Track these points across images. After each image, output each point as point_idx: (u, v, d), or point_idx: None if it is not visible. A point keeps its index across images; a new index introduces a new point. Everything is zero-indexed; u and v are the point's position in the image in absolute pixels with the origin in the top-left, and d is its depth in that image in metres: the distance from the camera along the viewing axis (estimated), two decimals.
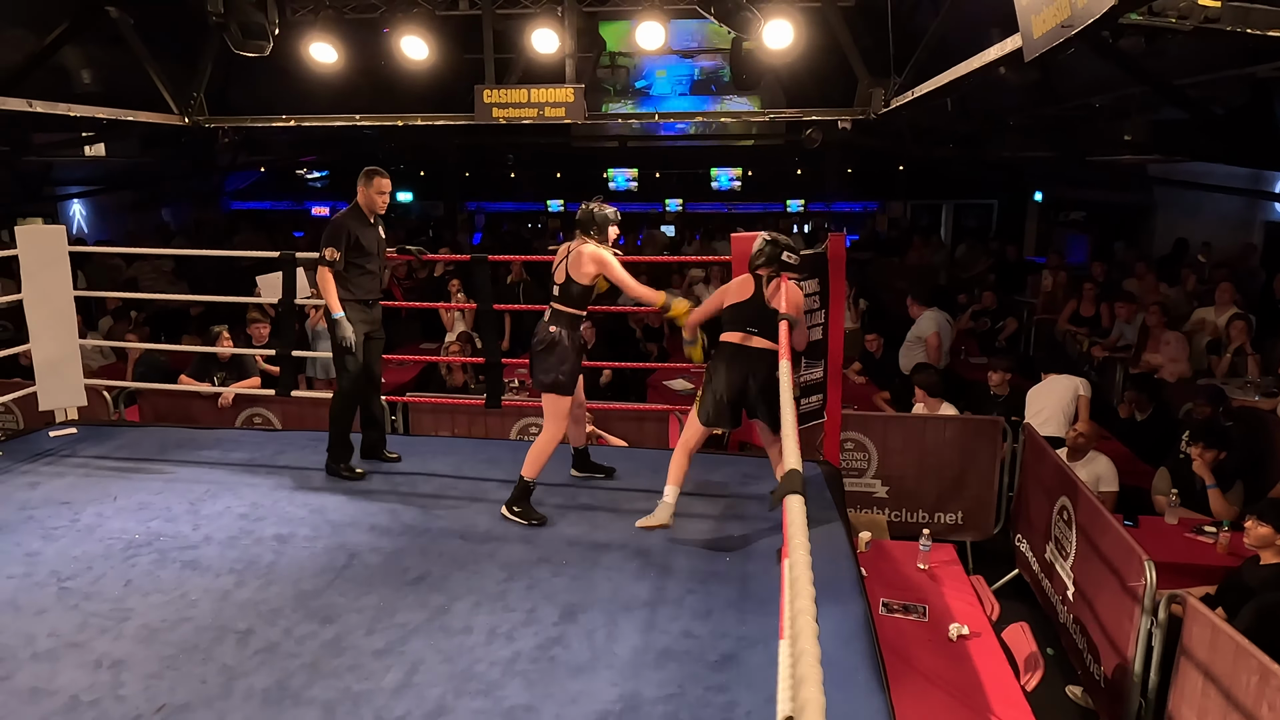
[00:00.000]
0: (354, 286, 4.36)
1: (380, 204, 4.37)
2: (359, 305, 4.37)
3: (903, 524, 5.60)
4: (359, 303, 4.38)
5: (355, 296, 4.36)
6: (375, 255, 4.40)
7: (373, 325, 4.49)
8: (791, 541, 1.42)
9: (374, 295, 4.46)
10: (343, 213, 4.39)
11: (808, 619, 1.16)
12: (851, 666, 2.73)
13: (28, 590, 3.24)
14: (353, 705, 2.57)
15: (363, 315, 4.39)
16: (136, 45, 6.97)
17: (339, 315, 4.26)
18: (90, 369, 6.71)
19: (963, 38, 5.17)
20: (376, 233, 4.43)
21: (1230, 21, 2.32)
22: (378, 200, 4.35)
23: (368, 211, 4.38)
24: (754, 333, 3.59)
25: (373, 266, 4.40)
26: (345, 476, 4.39)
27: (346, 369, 4.35)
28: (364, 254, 4.35)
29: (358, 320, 4.34)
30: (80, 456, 4.74)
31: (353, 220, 4.34)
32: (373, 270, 4.41)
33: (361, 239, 4.33)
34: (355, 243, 4.30)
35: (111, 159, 12.18)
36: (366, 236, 4.35)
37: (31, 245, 5.01)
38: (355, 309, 4.35)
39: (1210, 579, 4.09)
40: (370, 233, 4.38)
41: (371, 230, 4.39)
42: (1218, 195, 9.57)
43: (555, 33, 6.70)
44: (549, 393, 3.83)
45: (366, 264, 4.36)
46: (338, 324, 4.26)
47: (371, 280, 4.42)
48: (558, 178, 18.05)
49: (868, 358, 7.64)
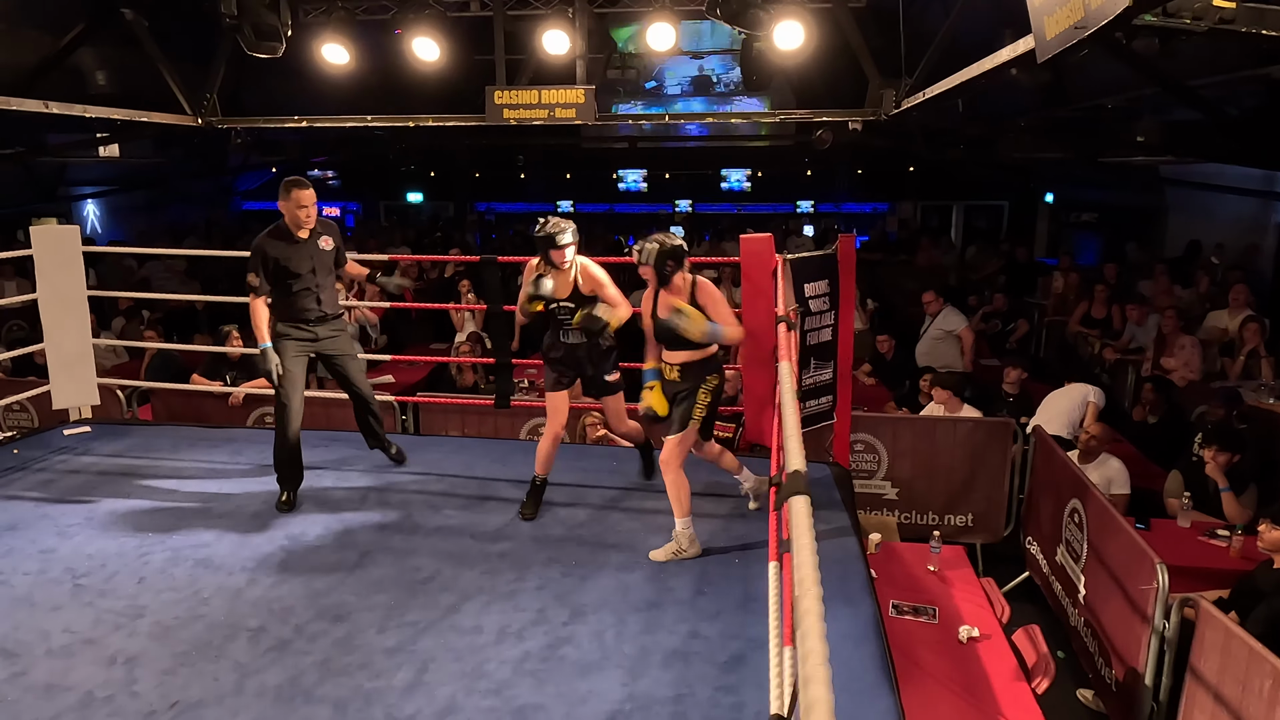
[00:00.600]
0: (286, 309, 4.03)
1: (303, 218, 3.97)
2: (296, 328, 4.04)
3: (913, 526, 5.59)
4: (296, 325, 4.04)
5: (288, 319, 4.03)
6: (307, 274, 4.02)
7: (324, 344, 4.14)
8: (797, 543, 1.42)
9: (314, 314, 4.07)
10: (263, 234, 4.04)
11: (815, 620, 1.16)
12: (861, 668, 2.72)
13: (43, 587, 3.27)
14: (364, 703, 2.59)
15: (305, 336, 4.06)
16: (151, 47, 7.02)
17: (264, 347, 3.95)
18: (103, 368, 6.76)
19: (974, 39, 5.16)
20: (310, 248, 4.04)
21: (1245, 23, 2.30)
22: (299, 214, 3.96)
23: (293, 227, 4.01)
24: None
25: (305, 285, 4.02)
26: (280, 506, 4.01)
27: (283, 389, 3.98)
28: (290, 274, 3.98)
29: (294, 342, 4.02)
30: (94, 455, 4.78)
31: (273, 240, 3.99)
32: (307, 288, 4.03)
33: (283, 259, 3.96)
34: (276, 265, 3.96)
35: (125, 159, 12.26)
36: (291, 255, 3.98)
37: (46, 245, 5.05)
38: (292, 332, 4.03)
39: (1223, 583, 4.07)
40: (298, 250, 4.00)
41: (300, 247, 4.01)
42: (1231, 197, 9.51)
43: (566, 34, 6.72)
44: (618, 393, 3.90)
45: (295, 284, 4.00)
46: (262, 357, 3.96)
47: (306, 298, 4.04)
48: (568, 178, 18.08)
49: (878, 359, 7.62)
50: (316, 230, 4.06)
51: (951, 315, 7.34)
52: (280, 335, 4.02)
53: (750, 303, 4.35)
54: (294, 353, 4.05)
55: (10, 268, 9.60)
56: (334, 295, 4.20)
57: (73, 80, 8.38)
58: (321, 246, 4.09)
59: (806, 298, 4.37)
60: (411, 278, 10.05)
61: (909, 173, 16.38)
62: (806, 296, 4.37)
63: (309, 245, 4.04)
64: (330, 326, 4.16)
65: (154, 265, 11.67)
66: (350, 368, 4.28)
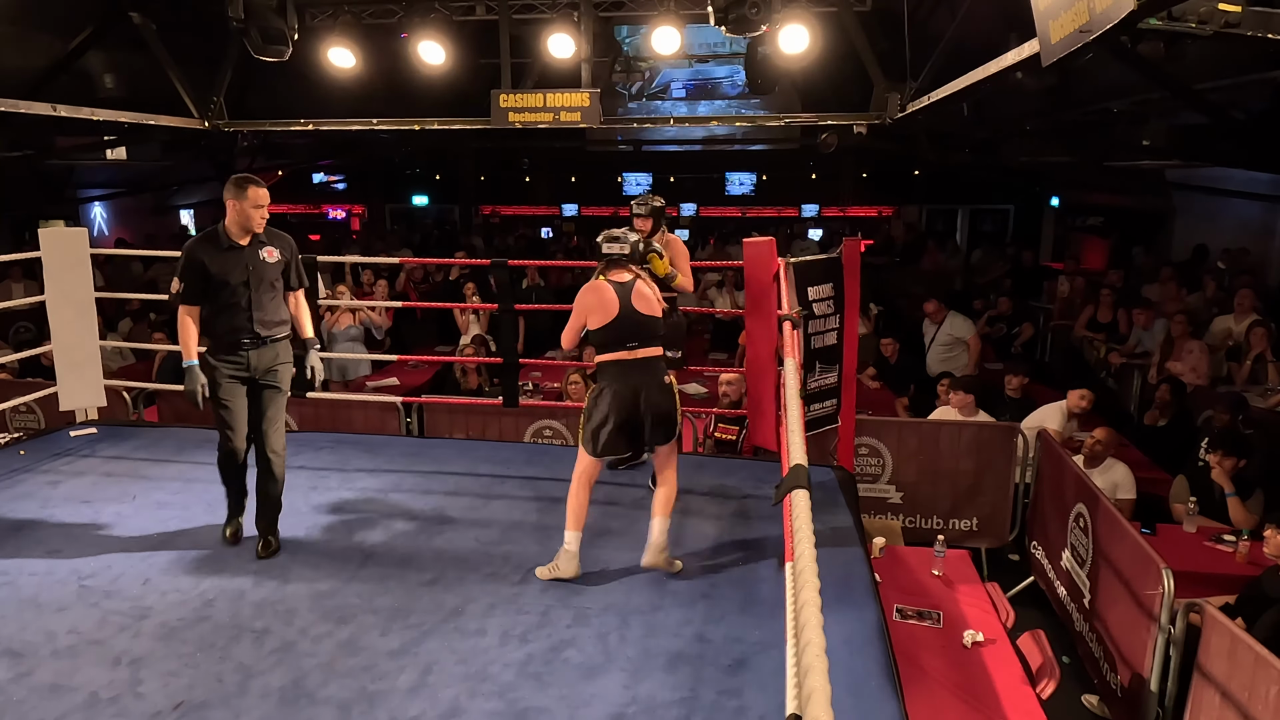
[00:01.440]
0: (213, 327, 3.50)
1: (257, 220, 3.46)
2: (223, 349, 3.49)
3: (917, 530, 5.57)
4: (226, 348, 3.49)
5: (218, 340, 3.50)
6: (239, 285, 3.46)
7: (257, 372, 3.55)
8: (796, 536, 1.42)
9: (245, 335, 3.49)
10: (196, 237, 3.57)
11: (813, 610, 1.17)
12: (865, 673, 2.72)
13: (49, 588, 3.28)
14: (368, 705, 2.59)
15: (232, 362, 3.50)
16: (158, 51, 7.06)
17: (188, 364, 3.50)
18: (110, 370, 6.78)
19: (979, 42, 5.15)
20: (248, 256, 3.48)
21: (1251, 26, 2.30)
22: (253, 215, 3.45)
23: (239, 231, 3.48)
24: (634, 346, 3.33)
25: (235, 299, 3.46)
26: (226, 537, 3.64)
27: (222, 421, 3.55)
28: (221, 285, 3.44)
29: (224, 368, 3.49)
30: (100, 456, 4.80)
31: (205, 246, 3.47)
32: (237, 303, 3.46)
33: (214, 267, 3.42)
34: (205, 273, 3.41)
35: (132, 162, 12.33)
36: (224, 264, 3.44)
37: (54, 247, 5.08)
38: (219, 358, 3.50)
39: (1229, 588, 4.05)
40: (232, 258, 3.45)
41: (235, 255, 3.46)
42: (1237, 201, 9.47)
43: (571, 37, 6.74)
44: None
45: (227, 297, 3.45)
46: (187, 375, 3.49)
47: (237, 316, 3.47)
48: (573, 182, 18.10)
49: (883, 363, 7.61)
50: (260, 239, 3.53)
51: (959, 322, 7.35)
52: (210, 363, 3.52)
53: (753, 306, 4.35)
54: (226, 379, 3.51)
55: (18, 269, 9.65)
56: (276, 315, 3.59)
57: (81, 83, 8.43)
58: (264, 258, 3.53)
59: (810, 301, 4.37)
60: (416, 280, 10.08)
61: (914, 176, 16.36)
62: (810, 300, 4.37)
63: (246, 254, 3.50)
64: (266, 353, 3.56)
65: (161, 267, 11.72)
66: (272, 403, 3.61)
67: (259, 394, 3.60)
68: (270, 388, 3.60)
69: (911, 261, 13.37)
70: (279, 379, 3.63)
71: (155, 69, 7.16)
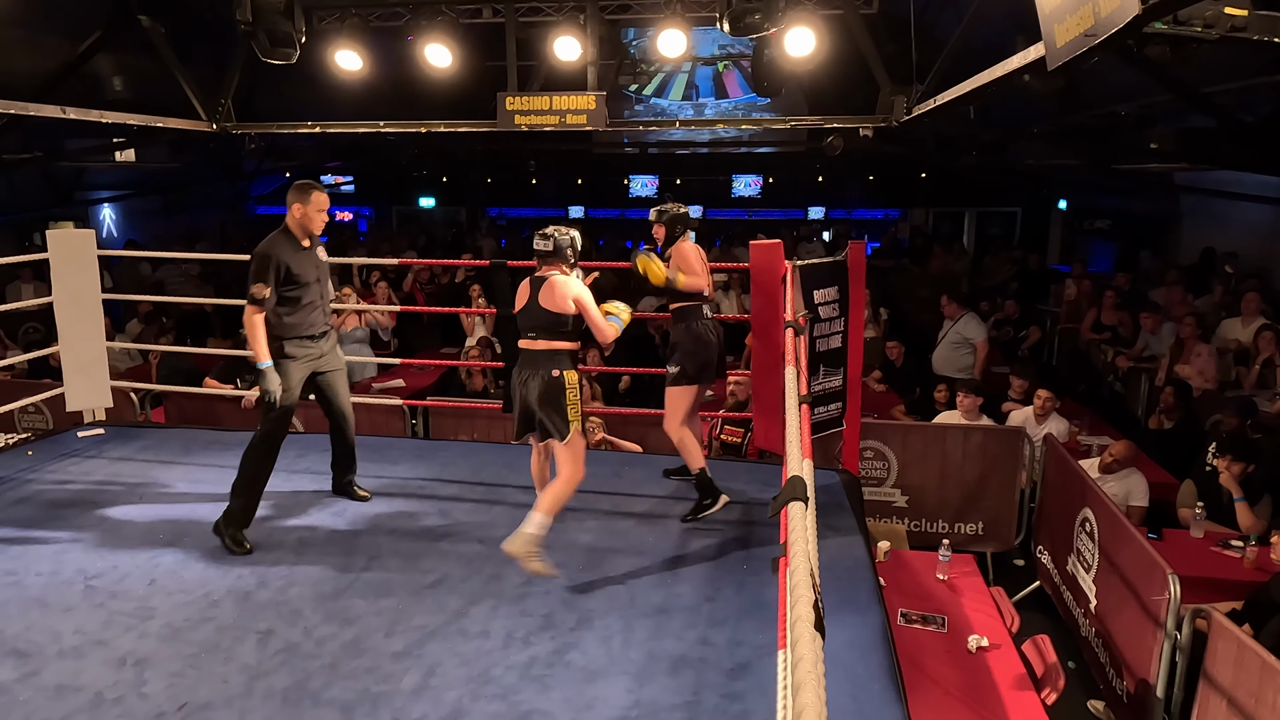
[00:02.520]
0: (291, 323, 3.76)
1: (320, 223, 3.79)
2: (299, 343, 3.80)
3: (922, 534, 5.56)
4: (302, 340, 3.80)
5: (294, 334, 3.78)
6: (314, 283, 3.81)
7: (321, 360, 3.93)
8: (792, 549, 1.42)
9: (319, 328, 3.88)
10: (271, 238, 3.75)
11: (806, 625, 1.16)
12: (868, 677, 2.71)
13: (55, 588, 3.30)
14: (371, 706, 2.59)
15: (307, 352, 3.83)
16: (167, 53, 7.10)
17: (265, 365, 3.66)
18: (117, 371, 6.81)
19: (986, 45, 5.15)
20: (314, 256, 3.85)
21: (1258, 30, 2.29)
22: (317, 219, 3.77)
23: (301, 233, 3.78)
24: (533, 336, 3.46)
25: (312, 297, 3.81)
26: (230, 547, 3.60)
27: (275, 412, 3.72)
28: (298, 284, 3.73)
29: (301, 360, 3.80)
30: (107, 457, 4.82)
31: (282, 246, 3.72)
32: (312, 301, 3.82)
33: (294, 267, 3.71)
34: (289, 273, 3.69)
35: (141, 164, 12.39)
36: (300, 263, 3.74)
37: (62, 249, 5.10)
38: (299, 347, 3.79)
39: (1236, 594, 4.03)
40: (305, 258, 3.79)
41: (307, 255, 3.80)
42: (1246, 204, 9.43)
43: (577, 40, 6.74)
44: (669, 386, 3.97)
45: (303, 296, 3.75)
46: (264, 376, 3.66)
47: (312, 313, 3.83)
48: (579, 184, 18.12)
49: (888, 366, 7.60)
50: (314, 239, 3.88)
51: (971, 323, 7.33)
52: (286, 355, 3.74)
53: (760, 309, 4.35)
54: (298, 377, 3.80)
55: (27, 271, 9.71)
56: (330, 308, 4.04)
57: (90, 86, 8.48)
58: (321, 256, 3.92)
59: (816, 304, 4.36)
60: (422, 282, 10.11)
61: (921, 179, 16.33)
62: (816, 303, 4.37)
63: (313, 253, 3.85)
64: (330, 340, 4.02)
65: (168, 269, 11.78)
66: (341, 384, 4.08)
67: (326, 379, 4.01)
68: (333, 371, 4.04)
69: (918, 264, 13.34)
70: (339, 360, 4.10)
71: (163, 72, 7.19)
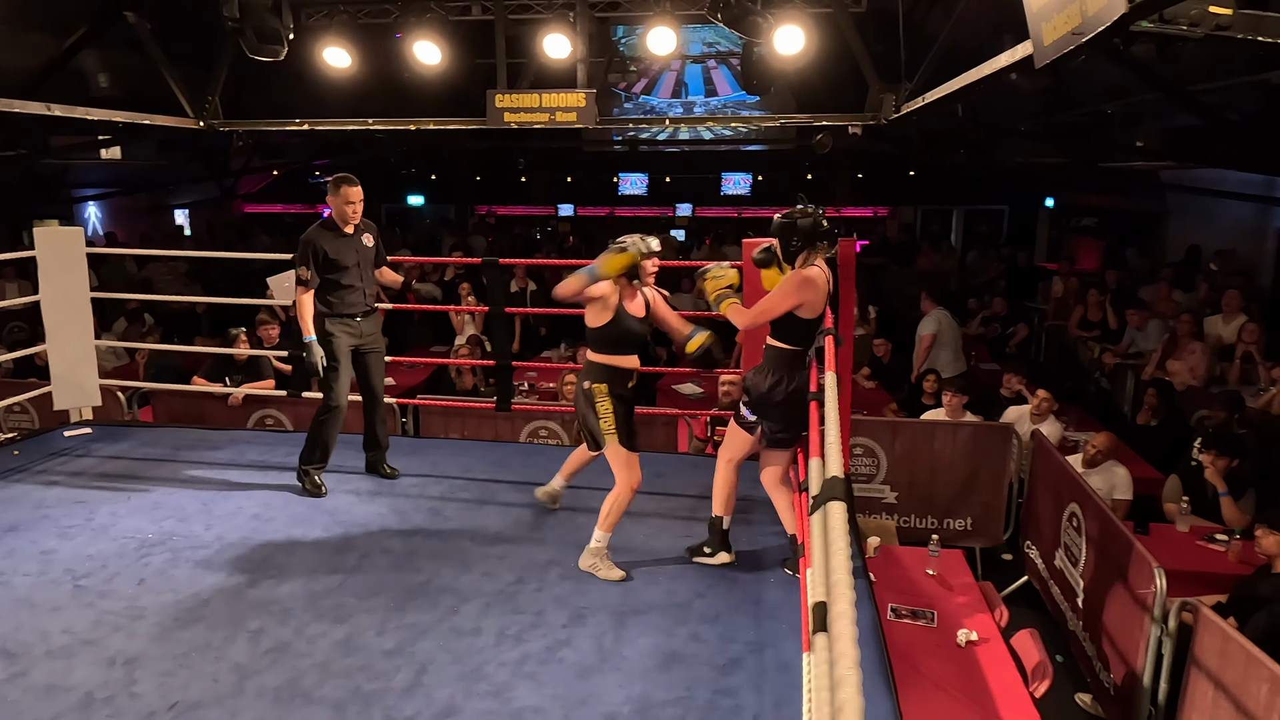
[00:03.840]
0: (334, 302, 4.19)
1: (350, 214, 4.13)
2: (342, 321, 4.22)
3: (912, 530, 5.59)
4: (342, 318, 4.22)
5: (337, 312, 4.21)
6: (354, 267, 4.20)
7: (364, 339, 4.31)
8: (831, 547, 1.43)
9: (359, 309, 4.26)
10: (314, 226, 4.20)
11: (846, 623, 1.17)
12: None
13: (43, 588, 3.28)
14: (363, 705, 2.59)
15: (349, 330, 4.23)
16: (153, 50, 7.04)
17: (310, 339, 4.12)
18: (104, 369, 6.77)
19: (975, 43, 5.17)
20: (355, 243, 4.22)
21: (1242, 29, 2.31)
22: (346, 210, 4.12)
23: (341, 222, 4.17)
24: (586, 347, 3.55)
25: (352, 280, 4.20)
26: (307, 488, 4.23)
27: (332, 386, 4.19)
28: (339, 268, 4.15)
29: (343, 335, 4.21)
30: (95, 456, 4.79)
31: (323, 233, 4.15)
32: (352, 284, 4.20)
33: (332, 252, 4.13)
34: (326, 257, 4.12)
35: (127, 162, 12.28)
36: (339, 249, 4.15)
37: (49, 247, 5.06)
38: (339, 325, 4.21)
39: (1221, 587, 4.07)
40: (345, 244, 4.18)
41: (347, 241, 4.19)
42: (1231, 202, 9.51)
43: (567, 38, 6.73)
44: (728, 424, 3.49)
45: (342, 278, 4.17)
46: (309, 348, 4.13)
47: (353, 294, 4.22)
48: (569, 182, 18.10)
49: (876, 363, 7.63)
50: (359, 227, 4.22)
51: (925, 319, 7.37)
52: (329, 333, 4.15)
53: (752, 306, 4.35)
54: (345, 349, 4.22)
55: (12, 269, 9.63)
56: (375, 289, 4.38)
57: (75, 83, 8.40)
58: (365, 243, 4.25)
59: None
60: (413, 279, 10.07)
61: (910, 177, 16.39)
62: None
63: (354, 240, 4.20)
64: (373, 322, 4.36)
65: (156, 267, 11.70)
66: (377, 365, 4.42)
67: (364, 359, 4.33)
68: (373, 352, 4.36)
69: (906, 262, 13.40)
70: (378, 343, 4.40)
71: (150, 68, 7.14)
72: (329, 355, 4.17)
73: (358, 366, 4.34)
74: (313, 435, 4.25)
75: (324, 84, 7.66)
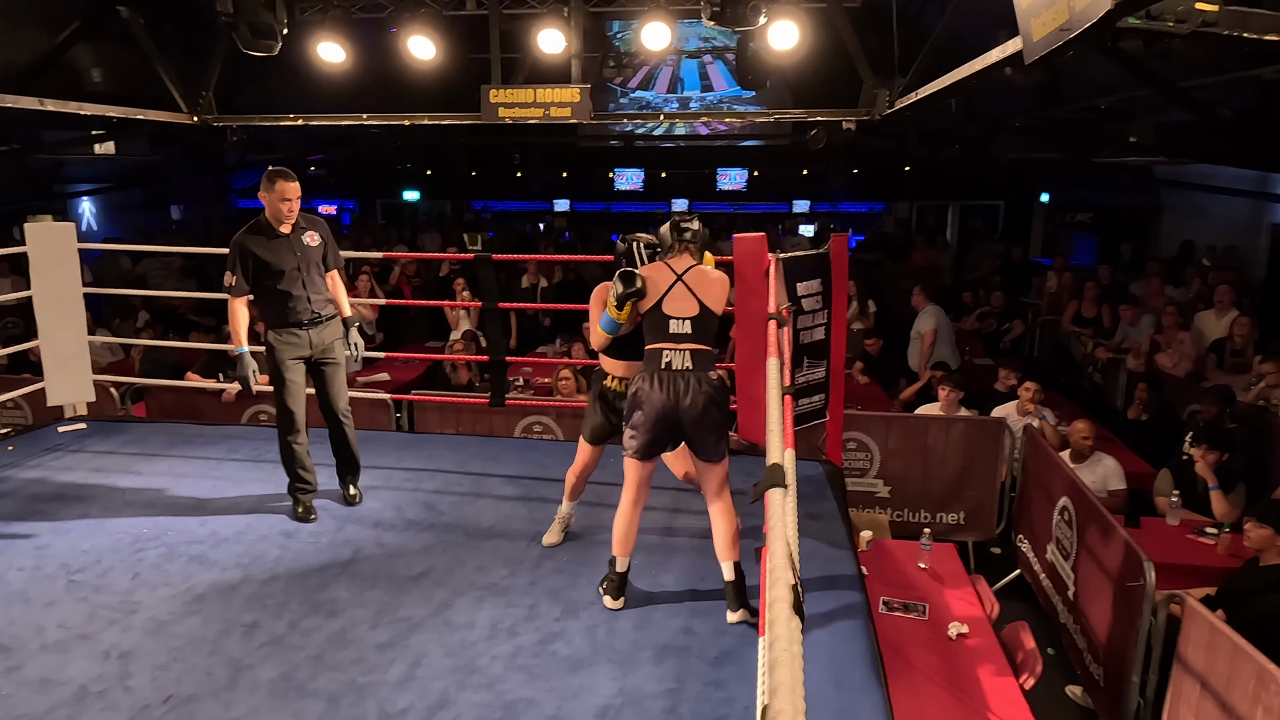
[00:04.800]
0: (274, 312, 3.76)
1: (286, 212, 3.69)
2: (286, 332, 3.78)
3: (904, 524, 5.61)
4: (285, 329, 3.78)
5: (278, 323, 3.77)
6: (293, 271, 3.74)
7: (315, 350, 3.87)
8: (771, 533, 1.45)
9: (304, 317, 3.79)
10: (244, 228, 3.76)
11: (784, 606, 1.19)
12: (849, 664, 2.75)
13: (37, 582, 3.29)
14: (357, 698, 2.61)
15: (294, 342, 3.79)
16: (147, 44, 7.03)
17: (239, 352, 3.74)
18: (98, 365, 6.76)
19: (969, 39, 5.18)
20: (294, 244, 3.76)
21: (1228, 26, 2.33)
22: (282, 208, 3.68)
23: (274, 221, 3.72)
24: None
25: (291, 286, 3.74)
26: (297, 514, 3.88)
27: (282, 405, 3.84)
28: (274, 273, 3.70)
29: (286, 348, 3.78)
30: (89, 452, 4.79)
31: (253, 235, 3.71)
32: (291, 290, 3.74)
33: (266, 255, 3.69)
34: (258, 261, 3.68)
35: (121, 157, 12.26)
36: (275, 252, 3.71)
37: (41, 242, 5.06)
38: (282, 337, 3.78)
39: (1211, 580, 4.10)
40: (281, 246, 3.72)
41: (283, 242, 3.73)
42: (1225, 197, 9.55)
43: (561, 33, 6.73)
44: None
45: (280, 284, 3.71)
46: (238, 361, 3.74)
47: (295, 302, 3.75)
48: (564, 177, 18.09)
49: (866, 357, 7.65)
50: (300, 225, 3.80)
51: (922, 316, 7.40)
52: (272, 345, 3.80)
53: (744, 302, 4.37)
54: (290, 359, 3.80)
55: (5, 265, 9.59)
56: (325, 295, 3.90)
57: (68, 78, 8.38)
58: (306, 242, 3.81)
59: (799, 297, 4.39)
60: (410, 274, 10.08)
61: (905, 173, 16.42)
62: (799, 295, 4.40)
63: (293, 241, 3.77)
64: (325, 331, 3.90)
65: (150, 263, 11.68)
66: (335, 379, 3.97)
67: (320, 371, 3.92)
68: (329, 364, 3.93)
69: (900, 258, 13.42)
70: (336, 354, 3.95)
71: (143, 63, 7.12)
72: (271, 371, 3.79)
73: (315, 380, 3.96)
74: (284, 462, 3.95)
75: (318, 79, 7.65)
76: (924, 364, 7.21)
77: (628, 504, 3.13)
